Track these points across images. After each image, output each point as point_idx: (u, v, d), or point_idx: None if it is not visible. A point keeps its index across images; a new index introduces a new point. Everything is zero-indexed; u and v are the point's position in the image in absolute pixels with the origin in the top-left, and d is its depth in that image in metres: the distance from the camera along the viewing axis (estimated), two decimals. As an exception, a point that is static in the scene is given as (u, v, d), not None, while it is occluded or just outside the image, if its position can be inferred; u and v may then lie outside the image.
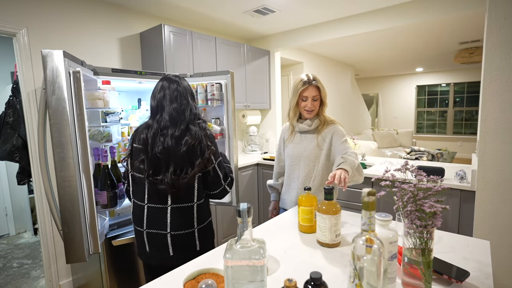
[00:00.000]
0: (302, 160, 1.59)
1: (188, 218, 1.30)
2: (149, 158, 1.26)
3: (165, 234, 1.28)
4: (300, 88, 1.52)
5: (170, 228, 1.28)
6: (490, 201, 1.90)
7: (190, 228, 1.30)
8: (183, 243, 1.29)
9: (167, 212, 1.28)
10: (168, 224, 1.28)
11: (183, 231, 1.29)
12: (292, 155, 1.63)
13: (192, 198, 1.30)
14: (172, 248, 1.28)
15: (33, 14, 2.13)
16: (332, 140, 1.55)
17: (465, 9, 2.41)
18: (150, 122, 1.31)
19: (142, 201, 1.31)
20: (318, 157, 1.57)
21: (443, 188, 0.77)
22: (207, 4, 2.64)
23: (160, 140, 1.25)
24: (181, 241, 1.29)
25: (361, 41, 4.32)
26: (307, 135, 1.61)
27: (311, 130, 1.59)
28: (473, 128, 7.59)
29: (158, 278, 0.94)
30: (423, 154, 3.86)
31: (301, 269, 0.95)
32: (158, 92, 1.32)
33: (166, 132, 1.26)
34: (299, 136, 1.64)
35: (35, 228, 3.42)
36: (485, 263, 0.94)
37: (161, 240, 1.29)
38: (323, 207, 1.08)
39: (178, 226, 1.28)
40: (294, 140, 1.65)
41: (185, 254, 1.28)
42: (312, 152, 1.57)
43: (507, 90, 1.81)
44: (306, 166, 1.58)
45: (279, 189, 1.78)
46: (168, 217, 1.28)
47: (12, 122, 2.34)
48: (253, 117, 3.72)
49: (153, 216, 1.29)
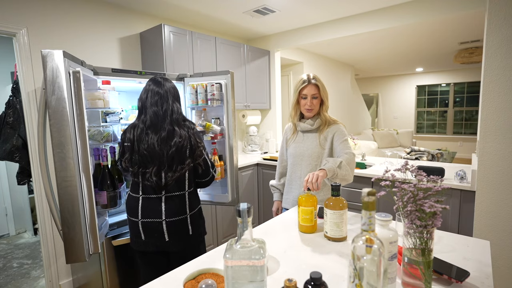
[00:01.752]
0: (305, 159, 1.61)
1: (182, 205, 1.44)
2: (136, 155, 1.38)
3: (161, 222, 1.41)
4: (300, 86, 1.56)
5: (165, 216, 1.41)
6: (490, 201, 1.90)
7: (183, 215, 1.44)
8: (177, 228, 1.42)
9: (162, 201, 1.41)
10: (163, 212, 1.40)
11: (177, 217, 1.42)
12: (294, 154, 1.65)
13: (184, 187, 1.46)
14: (167, 234, 1.41)
15: (33, 14, 2.13)
16: (333, 139, 1.57)
17: (465, 9, 2.41)
18: (136, 122, 1.44)
19: (137, 193, 1.43)
20: (320, 156, 1.58)
21: (443, 188, 0.77)
22: (207, 4, 2.64)
23: (145, 139, 1.38)
24: (175, 227, 1.42)
25: (361, 41, 4.32)
26: (309, 134, 1.62)
27: (313, 129, 1.61)
28: (473, 128, 7.59)
29: (158, 278, 0.94)
30: (423, 154, 3.86)
31: (301, 269, 0.95)
32: (144, 93, 1.45)
33: (150, 131, 1.39)
34: (301, 135, 1.65)
35: (35, 228, 3.42)
36: (485, 263, 0.94)
37: (157, 228, 1.41)
38: (330, 203, 1.12)
39: (172, 213, 1.41)
40: (296, 140, 1.66)
41: (179, 238, 1.44)
42: (315, 151, 1.58)
43: (507, 90, 1.81)
44: (308, 165, 1.60)
45: (282, 189, 1.79)
46: (163, 205, 1.41)
47: (12, 122, 2.34)
48: (253, 117, 3.72)
49: (148, 206, 1.42)
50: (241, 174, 3.07)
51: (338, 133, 1.56)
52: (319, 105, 1.59)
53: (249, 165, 3.17)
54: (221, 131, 2.23)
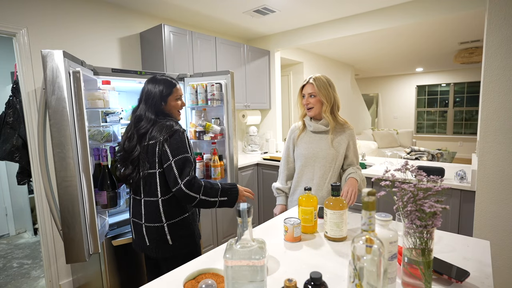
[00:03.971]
0: (318, 160, 1.58)
1: (156, 212, 1.36)
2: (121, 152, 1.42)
3: (141, 225, 1.39)
4: (301, 85, 1.62)
5: (144, 220, 1.38)
6: (490, 201, 1.90)
7: (159, 222, 1.36)
8: (154, 235, 1.36)
9: (141, 204, 1.39)
10: (143, 215, 1.38)
11: (152, 224, 1.36)
12: (306, 155, 1.61)
13: (156, 193, 1.35)
14: (147, 238, 1.37)
15: (33, 14, 2.13)
16: (349, 146, 1.61)
17: (465, 9, 2.41)
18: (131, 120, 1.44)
19: (129, 192, 1.46)
20: (334, 158, 1.58)
21: (443, 188, 0.77)
22: (207, 4, 2.64)
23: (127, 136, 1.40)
24: (152, 233, 1.36)
25: (361, 41, 4.32)
26: (322, 135, 1.60)
27: (328, 130, 1.59)
28: (473, 128, 7.59)
29: (158, 278, 0.94)
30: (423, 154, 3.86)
31: (301, 269, 0.95)
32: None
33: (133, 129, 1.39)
34: (313, 136, 1.62)
35: (35, 228, 3.42)
36: (485, 263, 0.94)
37: (139, 230, 1.40)
38: (330, 203, 1.12)
39: (149, 219, 1.37)
40: (307, 140, 1.63)
41: (157, 245, 1.36)
42: (329, 153, 1.57)
43: (507, 90, 1.81)
44: (322, 167, 1.58)
45: (288, 193, 1.72)
46: (142, 208, 1.38)
47: (12, 122, 2.34)
48: (253, 117, 3.72)
49: (134, 206, 1.43)
50: (241, 174, 3.07)
51: (353, 141, 1.62)
52: (319, 105, 1.57)
53: (249, 165, 3.17)
54: (221, 131, 2.23)
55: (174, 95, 1.44)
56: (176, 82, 1.47)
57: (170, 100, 1.43)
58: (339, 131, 1.60)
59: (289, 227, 1.13)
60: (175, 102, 1.45)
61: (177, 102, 1.46)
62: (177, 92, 1.46)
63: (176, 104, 1.46)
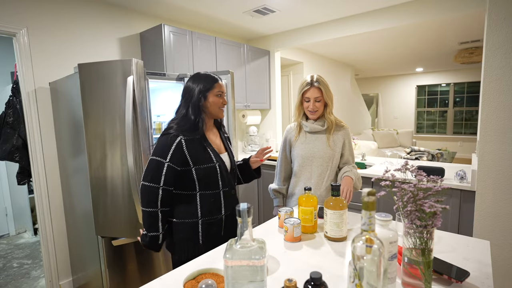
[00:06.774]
0: (315, 160, 1.59)
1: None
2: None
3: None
4: (303, 89, 1.56)
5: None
6: (490, 201, 1.90)
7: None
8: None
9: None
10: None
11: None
12: (303, 156, 1.61)
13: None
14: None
15: (33, 14, 2.13)
16: (345, 144, 1.62)
17: (465, 9, 2.41)
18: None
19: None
20: (331, 157, 1.59)
21: (443, 188, 0.76)
22: (207, 4, 2.64)
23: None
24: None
25: (361, 41, 4.32)
26: (318, 135, 1.61)
27: (323, 130, 1.60)
28: (473, 128, 7.59)
29: (158, 278, 0.94)
30: (423, 154, 3.86)
31: (301, 269, 0.95)
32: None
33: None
34: (309, 136, 1.62)
35: (35, 228, 3.42)
36: (485, 263, 0.94)
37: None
38: (330, 203, 1.12)
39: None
40: (303, 140, 1.63)
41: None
42: (326, 153, 1.58)
43: (507, 90, 1.81)
44: (319, 166, 1.59)
45: (285, 194, 1.73)
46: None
47: (12, 122, 2.34)
48: (253, 117, 3.72)
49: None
50: (241, 174, 3.06)
51: (348, 140, 1.63)
52: (323, 107, 1.58)
53: (249, 165, 3.16)
54: (221, 131, 2.23)
55: (214, 90, 1.33)
56: (219, 78, 1.37)
57: (210, 95, 1.33)
58: (334, 130, 1.61)
59: (289, 227, 1.13)
60: (215, 98, 1.34)
61: (218, 99, 1.35)
62: (219, 87, 1.35)
63: (217, 101, 1.34)
